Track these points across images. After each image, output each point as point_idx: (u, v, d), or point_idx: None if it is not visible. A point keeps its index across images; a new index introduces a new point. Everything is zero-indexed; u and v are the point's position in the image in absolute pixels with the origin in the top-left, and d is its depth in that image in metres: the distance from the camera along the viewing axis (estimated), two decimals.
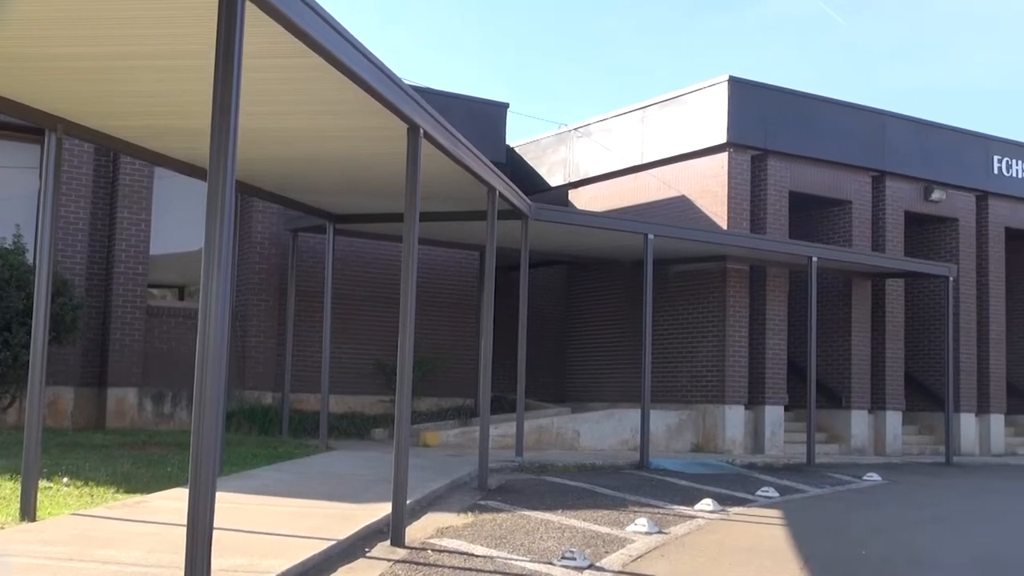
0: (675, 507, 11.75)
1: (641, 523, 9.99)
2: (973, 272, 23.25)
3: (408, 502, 8.92)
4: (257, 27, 6.04)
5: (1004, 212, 23.83)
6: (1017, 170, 23.88)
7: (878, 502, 13.74)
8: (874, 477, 16.31)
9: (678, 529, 10.23)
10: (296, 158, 10.95)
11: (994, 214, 23.63)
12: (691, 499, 12.27)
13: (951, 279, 21.10)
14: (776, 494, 13.47)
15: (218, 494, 5.69)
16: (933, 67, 67.70)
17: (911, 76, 66.99)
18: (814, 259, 18.66)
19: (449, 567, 7.77)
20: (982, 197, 23.56)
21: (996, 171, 23.58)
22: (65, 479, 10.33)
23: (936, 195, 22.42)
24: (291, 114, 9.01)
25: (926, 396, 22.75)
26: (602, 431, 18.99)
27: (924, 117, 22.99)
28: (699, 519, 10.97)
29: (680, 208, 20.58)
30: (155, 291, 18.44)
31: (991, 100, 66.39)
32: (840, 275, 21.24)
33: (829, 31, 67.46)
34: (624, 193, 22.10)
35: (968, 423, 22.80)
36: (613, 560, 8.40)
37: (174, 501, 9.08)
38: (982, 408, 23.16)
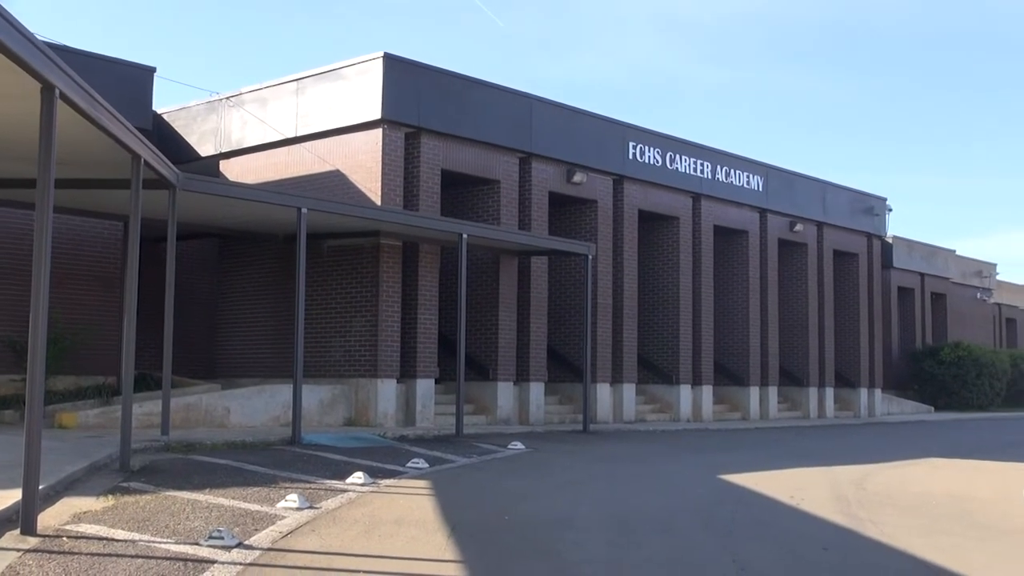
0: (327, 482, 11.77)
1: (292, 499, 9.93)
2: (610, 251, 24.73)
3: (41, 487, 8.39)
4: None
5: (638, 195, 25.52)
6: (649, 156, 25.64)
7: (521, 469, 14.39)
8: (518, 446, 17.06)
9: (329, 503, 10.25)
10: None
11: (629, 197, 25.25)
12: (343, 473, 12.32)
13: (590, 257, 22.34)
14: (426, 465, 13.79)
15: None
16: (574, 61, 71.38)
17: (555, 69, 70.28)
18: (464, 236, 19.14)
19: (87, 554, 7.38)
20: (619, 181, 25.10)
21: (631, 157, 25.20)
22: None
23: (578, 177, 23.65)
24: None
25: (567, 368, 24.06)
26: (253, 407, 18.65)
27: (569, 103, 24.18)
28: (350, 493, 11.04)
29: (335, 183, 20.50)
30: None
31: (624, 93, 70.95)
32: (489, 252, 21.97)
33: (482, 20, 69.46)
34: (278, 166, 21.73)
35: (604, 393, 24.31)
36: (262, 537, 8.30)
37: None
38: (616, 379, 24.74)
